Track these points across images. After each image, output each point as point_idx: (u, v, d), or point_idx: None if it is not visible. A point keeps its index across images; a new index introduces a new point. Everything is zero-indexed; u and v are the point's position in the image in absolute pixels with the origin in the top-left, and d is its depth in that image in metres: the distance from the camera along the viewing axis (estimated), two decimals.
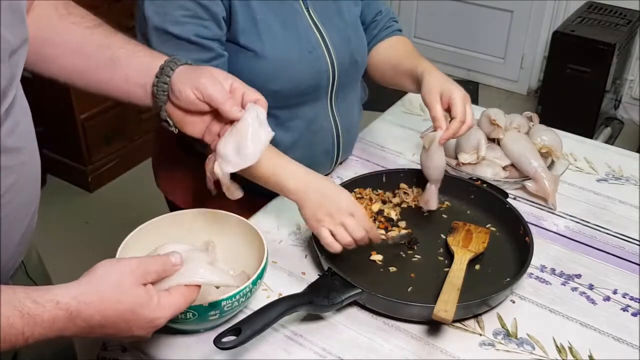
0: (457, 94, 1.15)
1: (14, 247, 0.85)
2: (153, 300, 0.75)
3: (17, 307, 0.67)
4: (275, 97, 1.16)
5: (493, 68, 3.84)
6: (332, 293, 0.97)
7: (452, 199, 1.26)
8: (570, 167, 1.39)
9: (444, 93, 1.16)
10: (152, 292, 0.75)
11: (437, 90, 1.16)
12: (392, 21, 1.39)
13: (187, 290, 0.78)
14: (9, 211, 0.80)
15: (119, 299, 0.72)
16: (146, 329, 0.75)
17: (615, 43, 2.91)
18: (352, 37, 1.26)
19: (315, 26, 1.19)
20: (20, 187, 0.81)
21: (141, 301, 0.73)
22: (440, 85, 1.17)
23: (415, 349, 0.97)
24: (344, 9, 1.25)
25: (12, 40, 0.75)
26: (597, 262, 1.16)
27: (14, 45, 0.75)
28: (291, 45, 1.16)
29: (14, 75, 0.77)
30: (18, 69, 0.79)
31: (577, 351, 0.97)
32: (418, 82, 1.22)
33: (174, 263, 0.78)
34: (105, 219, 2.65)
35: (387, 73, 1.35)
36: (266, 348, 0.96)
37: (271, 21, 1.14)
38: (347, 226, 1.04)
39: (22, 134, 0.81)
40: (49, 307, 0.68)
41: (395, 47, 1.36)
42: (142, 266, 0.75)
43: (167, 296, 0.76)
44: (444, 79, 1.19)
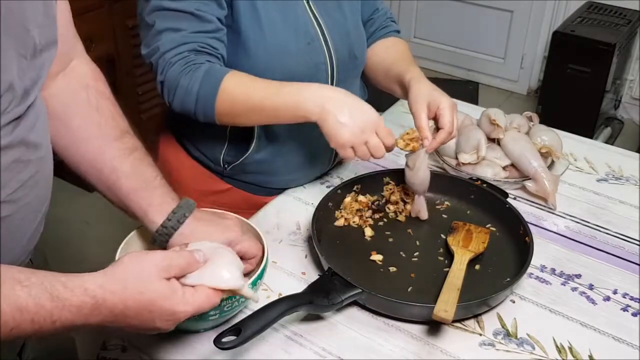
0: (445, 103, 1.15)
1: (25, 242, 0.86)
2: (177, 293, 0.76)
3: (48, 290, 0.68)
4: None
5: (493, 68, 3.84)
6: (332, 293, 0.97)
7: (452, 199, 1.26)
8: (570, 167, 1.39)
9: (431, 102, 1.15)
10: (177, 286, 0.76)
11: (424, 99, 1.16)
12: (390, 21, 1.39)
13: (212, 292, 0.79)
14: (23, 205, 0.81)
15: (141, 290, 0.73)
16: (168, 321, 0.76)
17: (615, 43, 2.91)
18: (352, 32, 1.26)
19: (314, 18, 1.19)
20: (36, 182, 0.82)
21: (163, 294, 0.74)
22: (428, 94, 1.16)
23: (415, 349, 0.97)
24: (344, 3, 1.25)
25: (39, 40, 0.76)
26: (597, 262, 1.16)
27: (40, 45, 0.77)
28: (290, 35, 1.16)
29: (39, 77, 0.79)
30: (43, 72, 0.80)
31: (577, 351, 0.97)
32: (405, 89, 1.22)
33: (197, 260, 0.79)
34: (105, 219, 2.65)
35: (378, 76, 1.34)
36: (266, 348, 0.96)
37: (271, 9, 1.14)
38: (370, 145, 1.05)
39: (40, 131, 0.83)
40: (78, 293, 0.69)
41: (390, 50, 1.35)
42: (167, 260, 0.76)
43: (192, 293, 0.77)
44: (432, 87, 1.19)
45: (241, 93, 1.08)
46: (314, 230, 1.10)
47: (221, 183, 1.30)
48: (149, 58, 1.11)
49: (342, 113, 1.04)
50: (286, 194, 1.31)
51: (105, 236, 2.27)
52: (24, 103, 0.77)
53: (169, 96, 1.10)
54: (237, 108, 1.09)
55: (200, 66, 1.07)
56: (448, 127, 1.14)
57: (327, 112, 1.04)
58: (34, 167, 0.82)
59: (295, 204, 1.29)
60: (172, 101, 1.10)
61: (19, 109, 0.76)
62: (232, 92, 1.07)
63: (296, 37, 1.17)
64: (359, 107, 1.06)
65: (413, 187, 1.18)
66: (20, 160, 0.79)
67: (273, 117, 1.10)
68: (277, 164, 1.26)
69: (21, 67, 0.74)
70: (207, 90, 1.07)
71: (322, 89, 1.08)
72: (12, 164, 0.77)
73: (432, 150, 1.15)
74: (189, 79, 1.07)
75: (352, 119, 1.04)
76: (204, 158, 1.29)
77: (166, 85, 1.09)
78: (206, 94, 1.07)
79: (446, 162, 1.36)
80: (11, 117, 0.75)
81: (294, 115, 1.07)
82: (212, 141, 1.26)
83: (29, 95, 0.78)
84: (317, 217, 1.13)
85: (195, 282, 0.78)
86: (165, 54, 1.08)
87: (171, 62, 1.08)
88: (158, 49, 1.09)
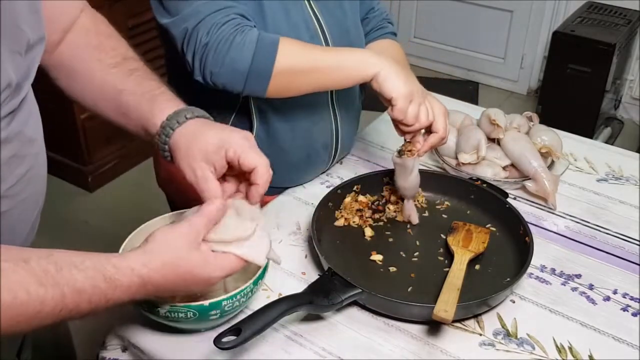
0: (437, 109, 1.15)
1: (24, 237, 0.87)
2: (209, 261, 0.81)
3: (101, 271, 0.72)
4: None
5: (493, 68, 3.84)
6: (332, 293, 0.97)
7: (452, 199, 1.26)
8: (570, 167, 1.39)
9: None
10: (208, 254, 0.81)
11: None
12: (386, 22, 1.38)
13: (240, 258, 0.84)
14: (19, 201, 0.82)
15: (178, 264, 0.78)
16: (202, 286, 0.82)
17: (615, 43, 2.91)
18: (352, 30, 1.26)
19: (314, 16, 1.19)
20: (30, 178, 0.84)
21: (197, 264, 0.80)
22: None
23: (415, 349, 0.97)
24: (345, 2, 1.25)
25: (31, 36, 0.78)
26: (597, 262, 1.16)
27: (32, 41, 0.79)
28: (291, 32, 1.16)
29: (30, 70, 0.81)
30: (34, 66, 0.82)
31: (577, 351, 0.97)
32: None
33: (218, 208, 0.84)
34: (105, 219, 2.65)
35: None
36: (266, 348, 0.96)
37: (276, 9, 1.14)
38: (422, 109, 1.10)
39: (34, 126, 0.85)
40: (127, 273, 0.75)
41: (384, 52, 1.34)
42: (193, 229, 0.81)
43: (223, 258, 0.82)
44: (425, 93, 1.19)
45: (299, 54, 1.08)
46: (314, 230, 1.10)
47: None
48: (181, 25, 1.05)
49: (400, 72, 1.09)
50: (286, 194, 1.31)
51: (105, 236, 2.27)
52: (18, 96, 0.78)
53: (217, 57, 1.04)
54: (295, 68, 1.08)
55: (252, 29, 1.06)
56: (441, 132, 1.14)
57: (388, 66, 1.08)
58: (30, 162, 0.83)
59: (295, 204, 1.29)
60: (223, 60, 1.04)
61: (14, 102, 0.77)
62: (290, 53, 1.07)
63: (296, 35, 1.17)
64: (411, 74, 1.14)
65: (404, 192, 1.18)
66: (17, 155, 0.80)
67: (330, 75, 1.11)
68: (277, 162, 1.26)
69: (16, 63, 0.76)
70: (267, 43, 1.06)
71: (378, 52, 1.14)
72: (10, 158, 0.78)
73: (423, 154, 1.16)
74: (244, 36, 1.04)
75: (408, 78, 1.10)
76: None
77: (213, 46, 1.03)
78: (266, 46, 1.05)
79: (446, 162, 1.36)
80: (7, 110, 0.76)
81: (355, 71, 1.09)
82: None
83: (21, 88, 0.79)
84: (317, 217, 1.13)
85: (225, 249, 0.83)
86: (208, 16, 1.04)
87: (219, 23, 1.04)
88: (199, 12, 1.04)
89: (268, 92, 1.09)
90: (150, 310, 0.88)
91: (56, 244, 0.73)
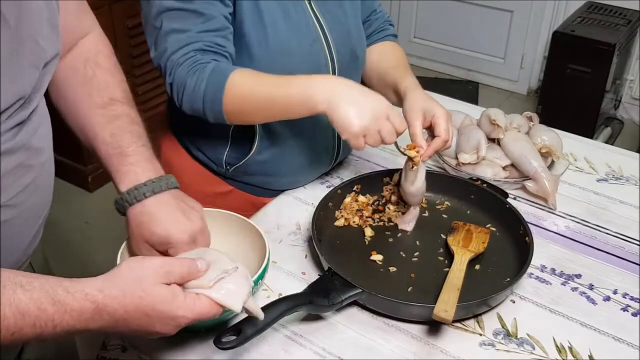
0: (440, 113, 1.15)
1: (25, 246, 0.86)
2: (177, 298, 0.75)
3: (50, 294, 0.68)
4: None
5: (493, 68, 3.84)
6: (332, 293, 0.97)
7: (452, 199, 1.26)
8: (570, 167, 1.39)
9: (427, 111, 1.16)
10: (177, 291, 0.75)
11: (419, 108, 1.17)
12: (388, 24, 1.39)
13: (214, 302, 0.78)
14: (24, 209, 0.81)
15: (140, 295, 0.72)
16: (169, 326, 0.76)
17: (615, 43, 2.91)
18: (353, 32, 1.26)
19: (315, 18, 1.19)
20: (36, 186, 0.83)
21: (163, 299, 0.74)
22: (423, 103, 1.17)
23: (415, 349, 0.97)
24: (346, 3, 1.25)
25: (49, 52, 0.78)
26: (597, 262, 1.16)
27: (49, 57, 0.79)
28: (292, 36, 1.16)
29: (42, 84, 0.80)
30: (46, 79, 0.82)
31: (577, 351, 0.97)
32: (400, 97, 1.22)
33: (199, 269, 0.78)
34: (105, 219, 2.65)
35: (372, 80, 1.34)
36: (266, 348, 0.96)
37: (274, 10, 1.14)
38: (383, 132, 1.05)
39: (43, 136, 0.84)
40: (79, 297, 0.69)
41: (385, 56, 1.35)
42: (166, 267, 0.76)
43: (194, 299, 0.76)
44: (427, 97, 1.20)
45: (249, 88, 1.08)
46: (314, 230, 1.10)
47: (223, 185, 1.30)
48: (158, 60, 1.11)
49: (352, 103, 1.03)
50: (286, 194, 1.31)
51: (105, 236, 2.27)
52: (28, 108, 0.78)
53: (178, 97, 1.10)
54: (245, 104, 1.09)
55: (207, 65, 1.07)
56: (444, 136, 1.14)
57: (336, 103, 1.03)
58: (36, 171, 0.82)
59: (295, 204, 1.29)
60: (182, 102, 1.10)
61: (23, 113, 0.77)
62: (239, 89, 1.07)
63: (298, 38, 1.17)
64: (368, 95, 1.06)
65: (410, 199, 1.18)
66: (22, 165, 0.79)
67: (282, 111, 1.09)
68: (279, 165, 1.26)
69: (32, 77, 0.76)
70: (214, 87, 1.07)
71: (330, 80, 1.09)
72: (14, 168, 0.77)
73: (427, 159, 1.16)
74: (195, 79, 1.07)
75: (363, 107, 1.04)
76: (206, 159, 1.29)
77: (175, 87, 1.09)
78: (213, 92, 1.07)
79: (446, 162, 1.36)
80: (15, 122, 0.76)
81: (303, 107, 1.06)
82: (215, 143, 1.26)
83: (32, 101, 0.78)
84: (317, 217, 1.13)
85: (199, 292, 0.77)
86: (172, 55, 1.08)
87: (178, 63, 1.08)
88: (166, 51, 1.09)
89: (230, 122, 1.12)
90: None
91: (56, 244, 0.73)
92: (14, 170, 0.77)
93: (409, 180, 1.14)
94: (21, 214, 0.81)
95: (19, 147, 0.77)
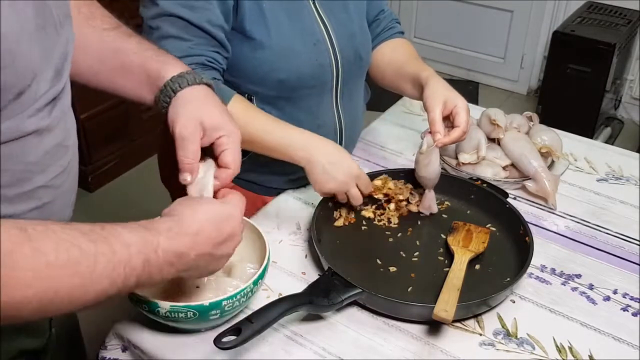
0: (462, 104, 1.17)
1: None
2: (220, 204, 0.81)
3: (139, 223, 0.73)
4: (278, 88, 1.17)
5: (493, 68, 3.84)
6: (332, 293, 0.97)
7: (452, 199, 1.26)
8: (570, 167, 1.39)
9: (448, 101, 1.17)
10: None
11: (441, 96, 1.17)
12: (395, 22, 1.40)
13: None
14: (60, 193, 0.82)
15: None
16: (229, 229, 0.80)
17: (615, 43, 2.91)
18: (357, 33, 1.26)
19: (320, 19, 1.20)
20: (70, 169, 0.83)
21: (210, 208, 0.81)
22: (445, 92, 1.19)
23: (415, 349, 0.97)
24: (350, 4, 1.25)
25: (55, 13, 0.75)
26: (597, 262, 1.16)
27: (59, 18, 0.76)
28: (296, 36, 1.16)
29: (67, 52, 0.78)
30: (70, 47, 0.80)
31: (577, 351, 0.97)
32: (420, 87, 1.23)
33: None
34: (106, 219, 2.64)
35: (387, 75, 1.35)
36: (266, 348, 0.96)
37: (277, 11, 1.14)
38: (350, 194, 1.14)
39: (72, 117, 0.84)
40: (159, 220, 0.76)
41: (399, 50, 1.36)
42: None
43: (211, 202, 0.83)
44: (449, 87, 1.21)
45: (242, 121, 1.08)
46: (314, 230, 1.10)
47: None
48: None
49: (325, 166, 1.10)
50: (286, 194, 1.31)
51: None
52: (60, 82, 0.76)
53: None
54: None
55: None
56: (463, 126, 1.16)
57: (313, 162, 1.11)
58: (70, 153, 0.82)
59: (295, 204, 1.29)
60: None
61: (55, 88, 0.75)
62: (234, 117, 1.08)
63: (302, 38, 1.17)
64: (343, 159, 1.13)
65: (424, 182, 1.19)
66: (61, 145, 0.79)
67: (265, 151, 1.14)
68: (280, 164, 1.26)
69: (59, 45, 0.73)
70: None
71: (310, 138, 1.13)
72: (53, 147, 0.77)
73: (442, 145, 1.16)
74: None
75: (336, 171, 1.11)
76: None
77: None
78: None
79: (446, 162, 1.36)
80: (52, 96, 0.75)
81: (283, 156, 1.13)
82: None
83: (61, 74, 0.77)
84: (317, 217, 1.13)
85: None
86: None
87: None
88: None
89: None
90: (151, 310, 0.88)
91: None
92: (53, 149, 0.77)
93: (421, 164, 1.16)
94: (60, 196, 0.81)
95: (56, 125, 0.77)
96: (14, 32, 0.66)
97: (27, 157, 0.74)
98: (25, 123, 0.71)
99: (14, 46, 0.65)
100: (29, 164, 0.74)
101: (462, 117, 1.16)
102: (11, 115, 0.69)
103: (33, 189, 0.76)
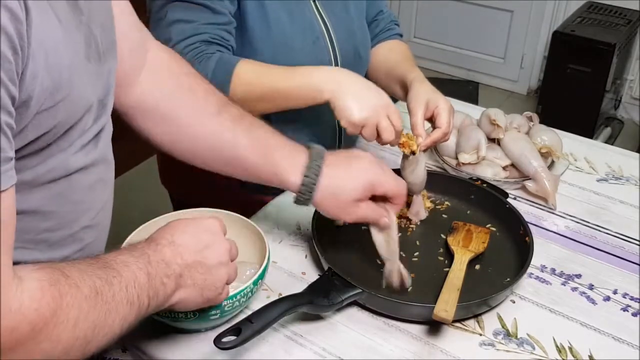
0: (443, 105, 1.16)
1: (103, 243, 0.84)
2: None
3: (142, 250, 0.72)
4: None
5: (493, 68, 3.84)
6: (332, 293, 0.97)
7: (452, 199, 1.26)
8: (570, 167, 1.39)
9: (430, 102, 1.17)
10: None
11: (423, 98, 1.17)
12: (393, 24, 1.40)
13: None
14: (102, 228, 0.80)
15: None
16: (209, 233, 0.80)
17: (615, 43, 2.91)
18: (357, 32, 1.27)
19: (320, 17, 1.20)
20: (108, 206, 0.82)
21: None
22: (427, 94, 1.18)
23: (415, 349, 0.97)
24: (351, 3, 1.25)
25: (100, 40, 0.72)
26: (597, 262, 1.16)
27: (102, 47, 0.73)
28: (296, 33, 1.16)
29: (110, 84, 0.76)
30: (112, 79, 0.77)
31: (577, 351, 0.97)
32: (406, 89, 1.23)
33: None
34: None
35: (380, 76, 1.35)
36: (266, 348, 0.96)
37: (278, 8, 1.15)
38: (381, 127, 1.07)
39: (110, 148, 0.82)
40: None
41: (393, 52, 1.36)
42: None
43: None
44: (432, 89, 1.20)
45: (255, 77, 1.08)
46: (314, 230, 1.10)
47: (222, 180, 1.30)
48: None
49: (355, 93, 1.06)
50: (286, 193, 1.31)
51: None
52: (105, 115, 0.74)
53: None
54: (251, 93, 1.09)
55: (212, 56, 1.08)
56: (444, 128, 1.15)
57: (340, 91, 1.06)
58: (109, 187, 0.79)
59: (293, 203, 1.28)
60: None
61: (100, 122, 0.73)
62: (245, 77, 1.08)
63: (302, 35, 1.17)
64: (371, 88, 1.08)
65: (411, 187, 1.18)
66: (102, 180, 0.76)
67: (286, 100, 1.10)
68: None
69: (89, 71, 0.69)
70: (221, 77, 1.07)
71: (335, 71, 1.11)
72: (95, 183, 0.74)
73: (425, 148, 1.16)
74: (201, 68, 1.06)
75: (365, 99, 1.06)
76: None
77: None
78: (220, 81, 1.07)
79: (446, 162, 1.36)
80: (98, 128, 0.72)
81: (307, 95, 1.08)
82: None
83: (105, 106, 0.74)
84: (317, 217, 1.13)
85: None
86: (176, 45, 1.08)
87: (183, 53, 1.07)
88: (170, 40, 1.08)
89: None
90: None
91: None
92: (95, 185, 0.74)
93: (408, 169, 1.15)
94: (99, 235, 0.79)
95: (99, 159, 0.74)
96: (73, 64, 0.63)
97: (73, 196, 0.70)
98: (70, 160, 0.68)
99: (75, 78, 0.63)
100: (76, 204, 0.71)
101: (444, 118, 1.15)
102: (56, 152, 0.66)
103: (78, 230, 0.73)
